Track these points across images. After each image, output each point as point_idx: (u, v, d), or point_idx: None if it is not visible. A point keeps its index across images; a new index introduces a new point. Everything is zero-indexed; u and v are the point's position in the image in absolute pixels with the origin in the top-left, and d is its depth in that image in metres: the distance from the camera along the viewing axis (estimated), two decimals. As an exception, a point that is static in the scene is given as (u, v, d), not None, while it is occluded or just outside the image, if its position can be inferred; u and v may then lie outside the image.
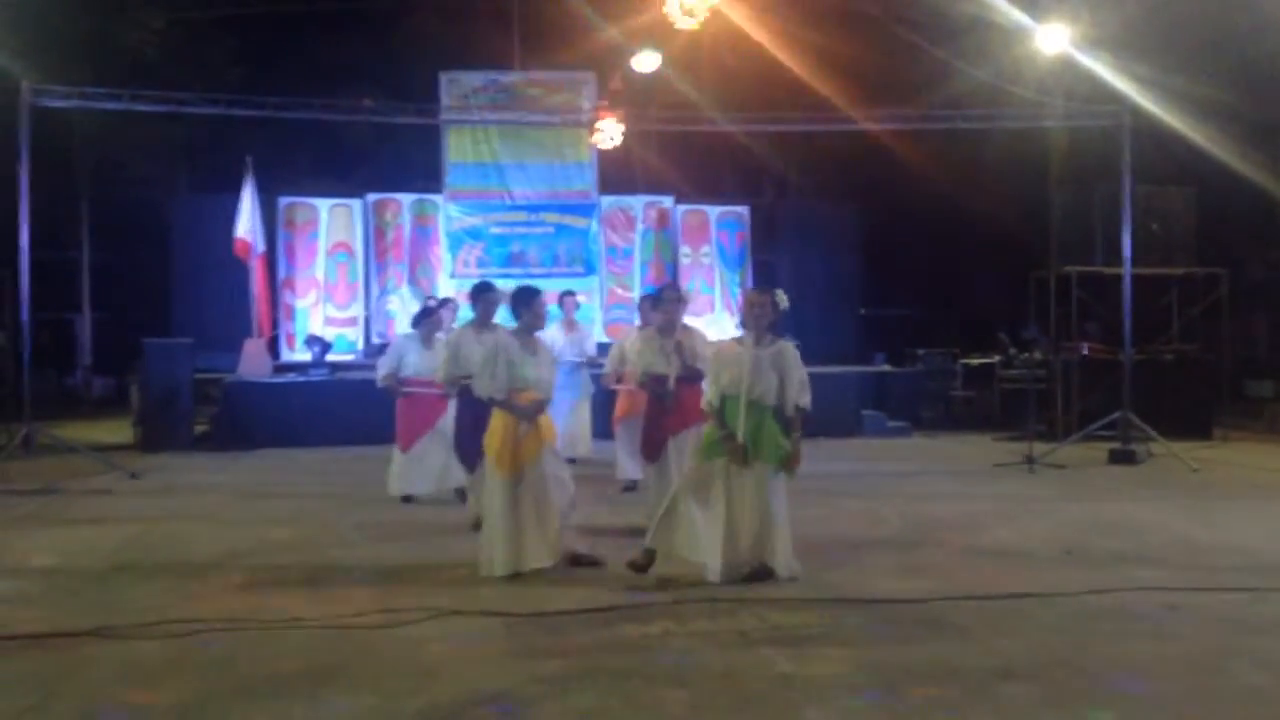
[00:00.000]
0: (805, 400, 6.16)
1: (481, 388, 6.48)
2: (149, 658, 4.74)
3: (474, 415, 7.25)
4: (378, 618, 5.28)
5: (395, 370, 8.83)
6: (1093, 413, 12.50)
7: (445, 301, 10.57)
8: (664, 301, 7.64)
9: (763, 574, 6.03)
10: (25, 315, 11.27)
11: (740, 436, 6.00)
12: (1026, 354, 14.65)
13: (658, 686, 4.35)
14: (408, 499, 8.96)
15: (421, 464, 8.84)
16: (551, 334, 9.96)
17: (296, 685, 4.38)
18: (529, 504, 6.32)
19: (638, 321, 9.91)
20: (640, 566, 6.07)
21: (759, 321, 6.18)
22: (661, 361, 7.24)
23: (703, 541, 6.05)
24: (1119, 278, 12.39)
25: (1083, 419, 12.77)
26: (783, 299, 6.25)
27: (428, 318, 9.04)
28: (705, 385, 6.28)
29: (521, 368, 6.40)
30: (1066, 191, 14.94)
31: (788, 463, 6.09)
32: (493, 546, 6.26)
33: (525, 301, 6.58)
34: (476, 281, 8.54)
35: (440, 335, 8.81)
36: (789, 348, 6.26)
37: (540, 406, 6.47)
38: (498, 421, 6.42)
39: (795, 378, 6.14)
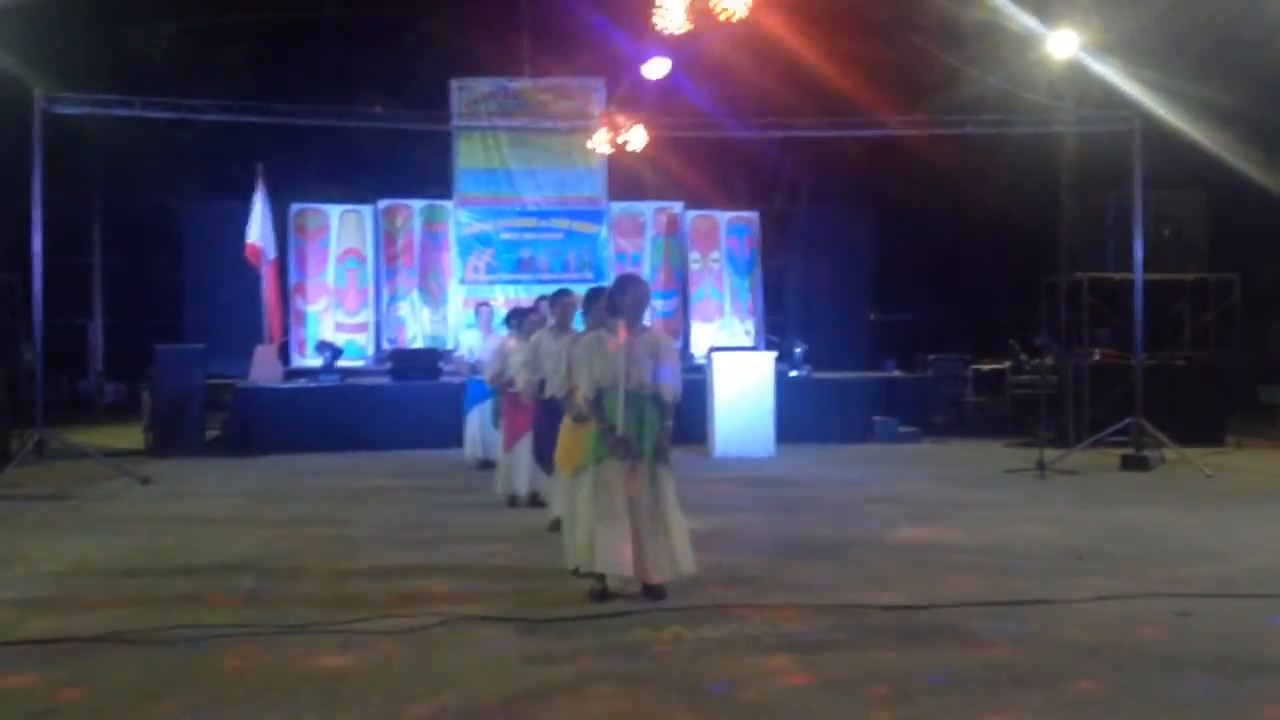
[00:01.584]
0: (677, 390, 5.83)
1: (549, 387, 6.59)
2: (160, 663, 4.74)
3: (553, 418, 7.24)
4: (388, 623, 5.28)
5: (501, 371, 8.86)
6: (1104, 419, 12.44)
7: (538, 303, 10.49)
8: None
9: (652, 594, 5.74)
10: (38, 320, 11.31)
11: (621, 429, 5.74)
12: (1038, 360, 14.61)
13: (668, 693, 4.34)
14: (513, 501, 8.85)
15: (522, 464, 8.70)
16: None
17: (307, 690, 4.39)
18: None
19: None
20: (601, 593, 5.79)
21: (633, 311, 5.88)
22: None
23: (611, 551, 5.72)
24: (1131, 283, 12.34)
25: (1094, 425, 12.71)
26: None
27: (527, 317, 8.93)
28: (578, 379, 5.99)
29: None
30: (1078, 197, 14.88)
31: (660, 452, 5.78)
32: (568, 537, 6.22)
33: (588, 303, 6.73)
34: (555, 289, 8.45)
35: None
36: (664, 335, 6.15)
37: None
38: (565, 419, 6.41)
39: (669, 365, 5.84)
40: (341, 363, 15.19)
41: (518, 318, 9.19)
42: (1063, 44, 11.95)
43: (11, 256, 13.05)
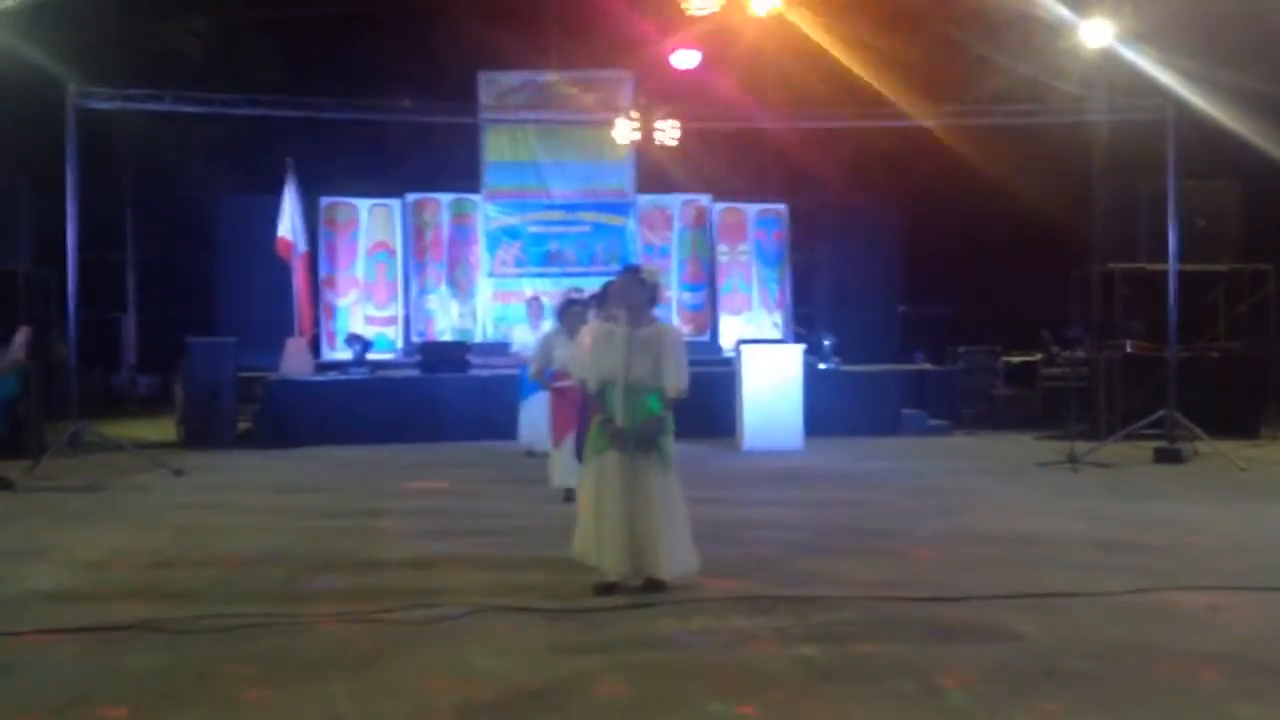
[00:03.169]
0: (681, 384, 5.75)
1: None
2: (193, 652, 4.79)
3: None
4: (418, 613, 5.31)
5: (545, 365, 8.70)
6: (1137, 411, 12.32)
7: (569, 294, 10.38)
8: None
9: (653, 588, 5.69)
10: (73, 314, 11.43)
11: (620, 422, 5.71)
12: (1069, 352, 14.48)
13: (696, 683, 4.34)
14: (569, 495, 8.50)
15: (570, 458, 8.30)
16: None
17: (338, 679, 4.41)
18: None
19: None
20: (605, 586, 5.73)
21: (630, 302, 5.86)
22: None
23: (605, 543, 5.69)
24: (1164, 274, 12.20)
25: (1127, 418, 12.59)
26: (651, 274, 6.04)
27: (570, 309, 8.78)
28: (588, 371, 5.93)
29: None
30: (1110, 187, 14.74)
31: (643, 441, 5.68)
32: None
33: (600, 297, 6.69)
34: (605, 282, 8.31)
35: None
36: (668, 328, 6.08)
37: None
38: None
39: (671, 360, 5.76)
40: (371, 355, 15.28)
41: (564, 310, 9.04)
42: (1096, 33, 11.85)
43: (46, 251, 13.19)
